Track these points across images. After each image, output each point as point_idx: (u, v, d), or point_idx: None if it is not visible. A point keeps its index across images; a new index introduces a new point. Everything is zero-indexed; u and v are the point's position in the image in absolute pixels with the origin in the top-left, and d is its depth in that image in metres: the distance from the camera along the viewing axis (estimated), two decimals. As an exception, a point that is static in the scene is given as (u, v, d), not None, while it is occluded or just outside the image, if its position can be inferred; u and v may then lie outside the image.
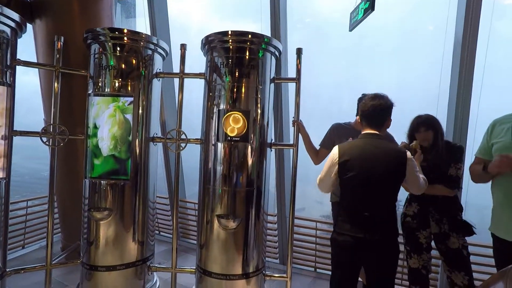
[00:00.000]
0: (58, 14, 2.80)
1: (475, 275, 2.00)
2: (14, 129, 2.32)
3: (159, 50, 2.58)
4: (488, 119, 1.84)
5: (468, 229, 1.96)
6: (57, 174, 2.57)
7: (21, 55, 2.37)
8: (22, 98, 2.76)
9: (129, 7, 4.19)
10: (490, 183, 1.73)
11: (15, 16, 2.18)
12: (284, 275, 2.43)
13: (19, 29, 2.28)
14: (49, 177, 2.50)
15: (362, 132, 1.76)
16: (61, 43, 2.48)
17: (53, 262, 2.56)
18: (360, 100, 2.18)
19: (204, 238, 2.35)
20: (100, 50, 2.43)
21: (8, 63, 2.23)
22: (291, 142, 2.39)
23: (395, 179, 1.66)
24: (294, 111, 2.32)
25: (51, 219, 2.51)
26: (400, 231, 2.21)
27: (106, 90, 2.43)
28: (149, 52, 2.52)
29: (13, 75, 2.30)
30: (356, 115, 2.22)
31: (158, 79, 2.60)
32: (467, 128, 2.40)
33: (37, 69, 3.01)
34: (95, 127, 2.44)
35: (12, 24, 2.19)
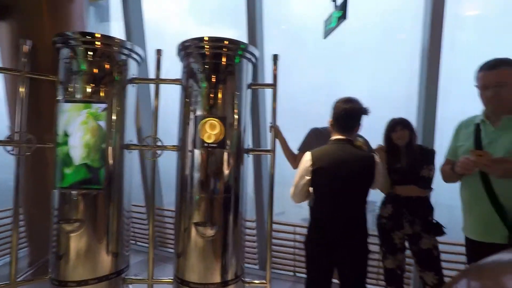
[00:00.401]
0: (25, 15, 2.67)
1: (445, 272, 2.09)
2: (-25, 137, 2.17)
3: (134, 55, 2.53)
4: (453, 123, 1.95)
5: (439, 230, 2.05)
6: (24, 184, 2.43)
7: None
8: (-16, 104, 2.60)
9: (102, 11, 4.08)
10: (459, 183, 1.79)
11: (-23, 18, 2.06)
12: (264, 281, 2.42)
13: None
14: (14, 188, 2.36)
15: (333, 138, 1.80)
16: (28, 47, 2.37)
17: (19, 279, 2.41)
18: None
19: (181, 247, 2.30)
20: (71, 54, 2.34)
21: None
22: (269, 147, 2.40)
23: (366, 182, 1.71)
24: (271, 116, 2.34)
25: (16, 232, 2.36)
26: (376, 232, 2.28)
27: (77, 96, 2.33)
28: (123, 57, 2.46)
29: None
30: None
31: (133, 85, 2.54)
32: (434, 132, 2.52)
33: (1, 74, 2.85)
34: (66, 134, 2.34)
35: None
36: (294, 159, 2.39)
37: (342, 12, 2.01)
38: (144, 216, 3.86)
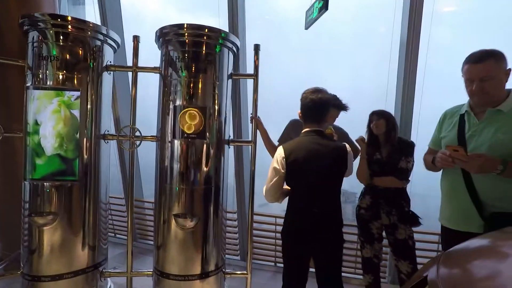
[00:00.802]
0: (-12, -4, 2.48)
1: (419, 260, 2.18)
2: None
3: (109, 41, 2.41)
4: (429, 117, 2.00)
5: (415, 221, 2.13)
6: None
7: None
8: None
9: (76, -7, 3.87)
10: (441, 173, 1.81)
11: None
12: (245, 272, 2.44)
13: None
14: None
15: (304, 130, 1.79)
16: (-8, 29, 2.21)
17: (-13, 275, 2.30)
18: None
19: (161, 239, 2.27)
20: (40, 38, 2.20)
21: None
22: (250, 138, 2.38)
23: (339, 172, 1.74)
24: (252, 107, 2.31)
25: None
26: (355, 223, 2.34)
27: (48, 83, 2.21)
28: (98, 43, 2.34)
29: None
30: None
31: (108, 72, 2.43)
32: (411, 124, 2.59)
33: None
34: (36, 123, 2.22)
35: None
36: (275, 150, 2.39)
37: (323, 2, 1.99)
38: (123, 208, 3.78)
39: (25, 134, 2.24)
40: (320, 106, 1.73)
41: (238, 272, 2.51)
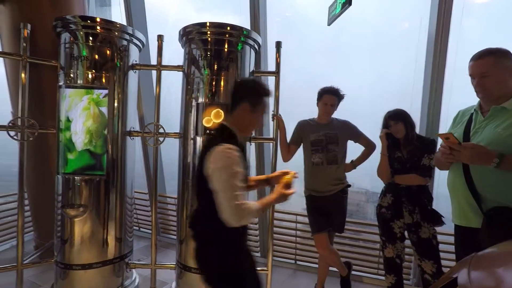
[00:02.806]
0: (24, -1, 2.63)
1: (443, 262, 2.10)
2: (-22, 122, 2.18)
3: (135, 40, 2.49)
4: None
5: (437, 219, 2.06)
6: (27, 170, 2.45)
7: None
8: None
9: (103, -5, 4.02)
10: None
11: (-24, 1, 2.03)
12: (265, 268, 2.46)
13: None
14: (19, 173, 2.38)
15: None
16: (28, 31, 2.34)
17: (25, 262, 2.46)
18: (319, 92, 2.26)
19: (184, 233, 2.33)
20: (71, 39, 2.32)
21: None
22: (271, 136, 2.39)
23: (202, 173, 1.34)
24: (274, 105, 2.32)
25: (21, 217, 2.40)
26: (377, 222, 2.30)
27: (78, 82, 2.32)
28: (124, 42, 2.42)
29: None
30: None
31: (134, 71, 2.51)
32: (438, 123, 2.50)
33: (2, 59, 2.83)
34: (68, 120, 2.34)
35: (-27, 9, 2.04)
36: (287, 151, 2.36)
37: (347, -3, 1.95)
38: (147, 203, 3.90)
39: (58, 130, 2.36)
40: (232, 95, 1.43)
41: (259, 269, 2.53)
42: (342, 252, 2.94)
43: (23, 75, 2.33)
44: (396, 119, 2.09)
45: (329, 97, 2.21)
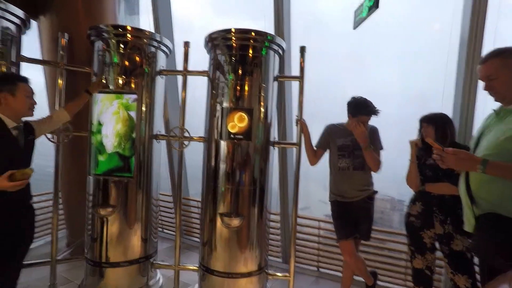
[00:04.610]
0: (62, 10, 2.80)
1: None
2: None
3: (163, 47, 2.58)
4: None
5: None
6: (62, 170, 2.59)
7: (27, 51, 2.38)
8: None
9: (132, 4, 4.19)
10: None
11: (19, 12, 2.18)
12: (287, 274, 2.43)
13: (23, 26, 2.29)
14: (54, 173, 2.52)
15: None
16: (66, 40, 2.49)
17: (58, 258, 2.59)
18: (349, 103, 2.22)
19: (207, 236, 2.36)
20: (104, 47, 2.44)
21: (13, 60, 2.24)
22: (294, 140, 2.37)
23: None
24: (298, 109, 2.31)
25: (56, 215, 2.53)
26: (403, 231, 2.21)
27: (110, 87, 2.43)
28: (153, 49, 2.52)
29: (18, 71, 2.31)
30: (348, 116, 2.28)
31: (161, 76, 2.60)
32: (472, 128, 2.37)
33: (41, 66, 3.02)
34: (99, 124, 2.45)
35: (17, 20, 2.19)
36: (314, 155, 2.34)
37: (373, 1, 1.92)
38: (170, 205, 4.00)
39: (90, 133, 2.48)
40: None
41: (280, 274, 2.51)
42: (367, 261, 2.85)
43: (60, 81, 2.47)
44: (428, 121, 2.01)
45: (365, 118, 2.19)
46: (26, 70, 2.42)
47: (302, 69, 2.31)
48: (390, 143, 2.35)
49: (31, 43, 2.72)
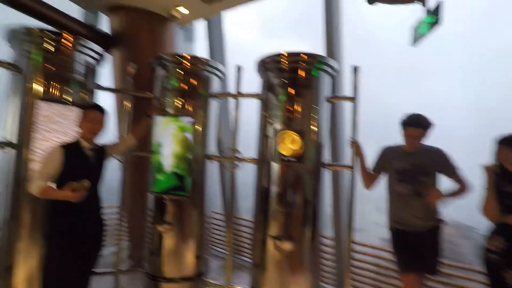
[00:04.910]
0: (131, 44, 3.13)
1: None
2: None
3: (217, 72, 2.72)
4: None
5: None
6: (126, 186, 2.82)
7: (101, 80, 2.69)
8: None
9: (189, 32, 4.52)
10: None
11: (98, 49, 2.50)
12: (341, 304, 2.29)
13: (100, 59, 2.61)
14: (120, 189, 2.75)
15: None
16: (133, 69, 2.77)
17: (121, 269, 2.78)
18: (402, 122, 2.07)
19: (258, 258, 2.34)
20: (164, 74, 2.66)
21: (91, 88, 2.55)
22: (347, 163, 2.28)
23: None
24: (352, 131, 2.22)
25: (121, 227, 2.74)
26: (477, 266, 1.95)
27: (169, 110, 2.62)
28: (208, 74, 2.67)
29: (94, 97, 2.61)
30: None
31: (215, 99, 2.73)
32: None
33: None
34: (159, 144, 2.64)
35: (96, 55, 2.51)
36: (369, 179, 2.20)
37: (435, 17, 1.80)
38: (220, 223, 4.07)
39: (151, 154, 2.68)
40: None
41: (333, 303, 2.37)
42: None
43: (127, 105, 2.74)
44: (507, 143, 1.78)
45: (412, 129, 2.03)
46: (101, 96, 2.74)
47: (355, 89, 2.24)
48: (456, 159, 2.10)
49: (105, 72, 3.08)
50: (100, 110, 1.90)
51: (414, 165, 2.02)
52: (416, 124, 2.02)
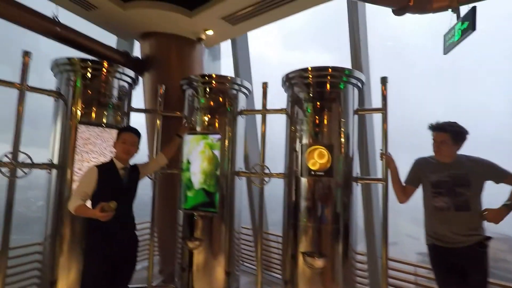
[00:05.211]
0: (161, 66, 3.29)
1: None
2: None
3: (243, 89, 2.78)
4: None
5: None
6: (157, 203, 2.90)
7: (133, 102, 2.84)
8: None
9: (215, 51, 4.69)
10: None
11: (132, 73, 2.66)
12: (378, 325, 2.17)
13: (134, 83, 2.76)
14: (151, 206, 2.84)
15: None
16: (163, 90, 2.90)
17: (153, 284, 2.83)
18: (428, 128, 1.98)
19: (289, 274, 2.30)
20: (193, 93, 2.76)
21: (125, 111, 2.69)
22: (379, 176, 2.21)
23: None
24: (382, 143, 2.16)
25: (152, 242, 2.81)
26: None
27: (197, 128, 2.71)
28: (234, 92, 2.74)
29: (129, 119, 2.76)
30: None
31: (242, 116, 2.78)
32: None
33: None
34: (188, 162, 2.72)
35: (129, 80, 2.66)
36: (403, 192, 2.09)
37: (468, 23, 1.74)
38: (249, 238, 4.05)
39: (180, 171, 2.76)
40: None
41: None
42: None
43: (157, 125, 2.86)
44: None
45: (435, 134, 1.93)
46: (133, 116, 2.88)
47: (384, 100, 2.19)
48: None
49: (137, 94, 3.24)
50: (135, 132, 1.99)
51: (452, 176, 1.90)
52: (438, 129, 1.92)
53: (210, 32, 3.21)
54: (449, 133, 1.89)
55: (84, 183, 1.83)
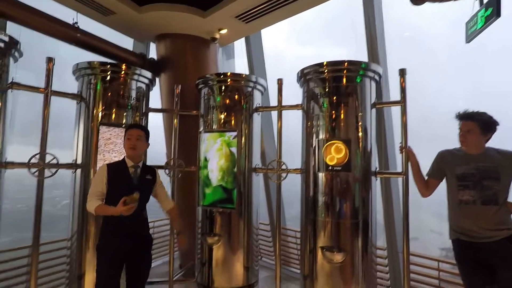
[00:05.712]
0: (177, 67, 3.36)
1: None
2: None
3: (258, 86, 2.80)
4: None
5: None
6: (177, 200, 2.97)
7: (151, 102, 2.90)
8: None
9: (229, 49, 4.71)
10: None
11: (149, 75, 2.72)
12: (401, 321, 2.14)
13: (151, 84, 2.83)
14: (171, 202, 2.90)
15: None
16: (179, 90, 2.95)
17: (174, 278, 2.90)
18: (455, 117, 1.90)
19: (308, 269, 2.31)
20: (209, 92, 2.79)
21: (144, 111, 2.76)
22: (398, 170, 2.17)
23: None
24: (401, 136, 2.12)
25: (172, 238, 2.87)
26: None
27: (214, 126, 2.74)
28: (249, 89, 2.75)
29: (147, 119, 2.82)
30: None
31: (258, 113, 2.79)
32: None
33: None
34: (206, 160, 2.77)
35: (147, 81, 2.73)
36: (425, 185, 2.03)
37: (492, 9, 1.67)
38: (267, 233, 4.08)
39: (198, 169, 2.81)
40: None
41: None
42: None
43: (175, 124, 2.91)
44: None
45: (463, 123, 1.86)
46: (151, 116, 2.94)
47: (403, 92, 2.14)
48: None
49: (154, 94, 3.31)
50: (138, 127, 1.96)
51: (479, 169, 1.83)
52: (466, 117, 1.84)
53: (224, 31, 3.24)
54: (477, 122, 1.82)
55: (97, 183, 1.84)
